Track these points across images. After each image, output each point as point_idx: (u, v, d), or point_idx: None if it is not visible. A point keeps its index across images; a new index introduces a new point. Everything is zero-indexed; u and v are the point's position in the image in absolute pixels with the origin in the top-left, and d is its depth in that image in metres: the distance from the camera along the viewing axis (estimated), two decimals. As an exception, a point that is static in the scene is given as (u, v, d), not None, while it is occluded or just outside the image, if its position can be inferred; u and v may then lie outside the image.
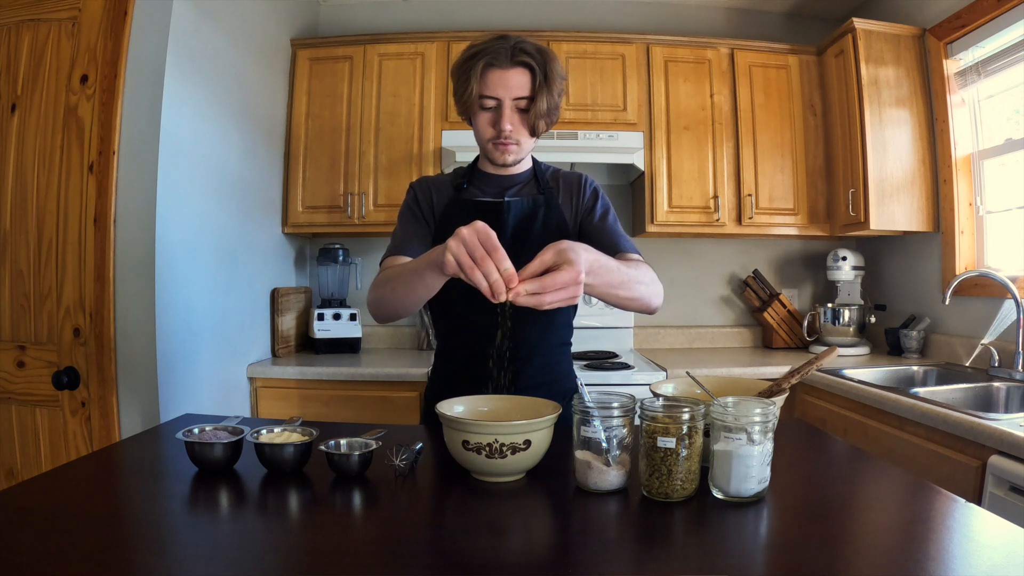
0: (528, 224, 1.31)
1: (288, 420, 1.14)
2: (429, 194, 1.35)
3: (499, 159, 1.28)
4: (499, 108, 1.21)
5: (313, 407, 2.31)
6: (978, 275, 2.14)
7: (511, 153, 1.26)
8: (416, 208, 1.35)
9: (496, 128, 1.23)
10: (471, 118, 1.27)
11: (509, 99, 1.20)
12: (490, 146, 1.26)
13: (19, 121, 1.84)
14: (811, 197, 2.72)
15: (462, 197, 1.33)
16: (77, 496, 0.87)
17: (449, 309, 1.33)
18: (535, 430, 0.90)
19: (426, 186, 1.37)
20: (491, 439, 0.88)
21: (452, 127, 2.63)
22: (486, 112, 1.23)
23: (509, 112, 1.21)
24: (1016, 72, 2.16)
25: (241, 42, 2.28)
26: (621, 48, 2.67)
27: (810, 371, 1.01)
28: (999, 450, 1.39)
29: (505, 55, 1.19)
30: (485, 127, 1.25)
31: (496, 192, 1.34)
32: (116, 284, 1.79)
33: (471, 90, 1.20)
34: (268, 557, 0.73)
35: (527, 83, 1.20)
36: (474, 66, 1.19)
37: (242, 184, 2.32)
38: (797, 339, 2.88)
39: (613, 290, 1.06)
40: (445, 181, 1.37)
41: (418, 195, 1.35)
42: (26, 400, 1.84)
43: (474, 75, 1.19)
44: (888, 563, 0.69)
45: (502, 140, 1.24)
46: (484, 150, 1.30)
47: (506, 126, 1.21)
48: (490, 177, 1.35)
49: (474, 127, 1.28)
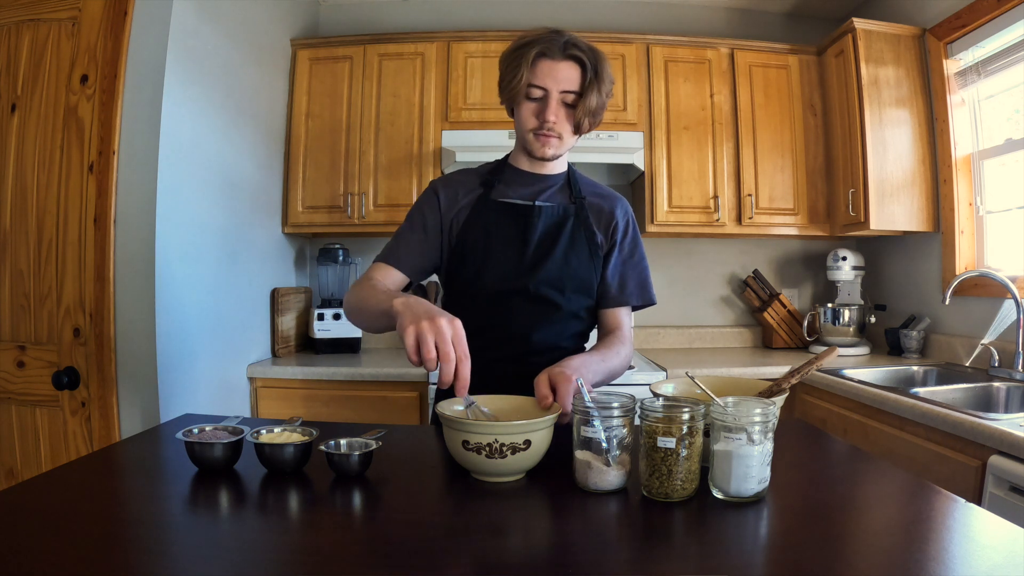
0: (555, 232, 1.29)
1: (288, 420, 1.13)
2: (455, 195, 1.31)
3: (538, 151, 1.26)
4: (546, 99, 1.21)
5: (313, 407, 2.31)
6: (978, 275, 2.14)
7: (551, 146, 1.25)
8: (430, 213, 1.30)
9: (540, 119, 1.22)
10: (515, 107, 1.26)
11: (557, 91, 1.20)
12: (531, 136, 1.24)
13: (19, 121, 1.84)
14: (811, 197, 2.72)
15: (492, 196, 1.30)
16: (77, 496, 0.87)
17: (462, 314, 1.31)
18: (535, 430, 0.90)
19: (452, 186, 1.32)
20: (491, 439, 0.88)
21: (452, 127, 2.63)
22: (532, 102, 1.22)
23: (555, 104, 1.20)
24: (1016, 72, 2.16)
25: (241, 42, 2.28)
26: (621, 48, 2.66)
27: (810, 371, 1.01)
28: (999, 450, 1.39)
29: (558, 47, 1.19)
30: (528, 116, 1.23)
31: (528, 194, 1.31)
32: (116, 284, 1.79)
33: (520, 77, 1.19)
34: (268, 557, 0.72)
35: (577, 78, 1.20)
36: (526, 54, 1.18)
37: (242, 184, 2.32)
38: (797, 339, 2.88)
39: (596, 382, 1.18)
40: (473, 177, 1.34)
41: (440, 197, 1.31)
42: (26, 400, 1.84)
43: (525, 63, 1.18)
44: (888, 563, 0.69)
45: (544, 131, 1.23)
46: (524, 141, 1.27)
47: (551, 117, 1.21)
48: (523, 175, 1.33)
49: (516, 116, 1.26)
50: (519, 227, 1.28)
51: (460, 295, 1.33)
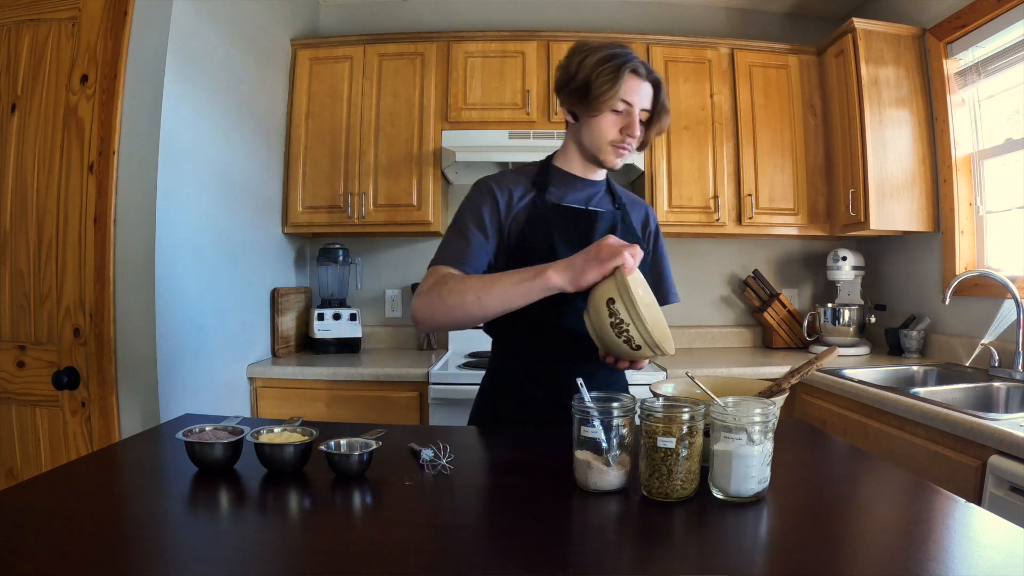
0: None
1: (288, 420, 1.14)
2: (510, 196, 1.31)
3: (611, 162, 1.30)
4: (629, 114, 1.25)
5: (313, 407, 2.31)
6: (978, 275, 2.14)
7: (623, 158, 1.30)
8: (491, 215, 1.29)
9: (624, 132, 1.26)
10: (592, 115, 1.26)
11: (639, 108, 1.25)
12: (609, 147, 1.28)
13: (19, 121, 1.84)
14: (811, 197, 2.72)
15: (549, 200, 1.31)
16: (77, 496, 0.87)
17: (521, 315, 1.30)
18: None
19: (506, 187, 1.32)
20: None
21: (452, 127, 2.63)
22: (615, 115, 1.25)
23: (637, 120, 1.25)
24: (1016, 72, 2.16)
25: (241, 42, 2.28)
26: (621, 48, 2.66)
27: (810, 371, 1.01)
28: (999, 450, 1.39)
29: (643, 67, 1.25)
30: (610, 128, 1.26)
31: (581, 198, 1.35)
32: (116, 284, 1.79)
33: (616, 90, 1.21)
34: (268, 557, 0.72)
35: (652, 98, 1.27)
36: (620, 68, 1.21)
37: (242, 184, 2.32)
38: (797, 339, 2.88)
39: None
40: (522, 178, 1.34)
41: (498, 199, 1.30)
42: (26, 400, 1.84)
43: (620, 77, 1.21)
44: (888, 563, 0.69)
45: (624, 144, 1.27)
46: (596, 149, 1.29)
47: (636, 132, 1.26)
48: (574, 179, 1.35)
49: (592, 125, 1.27)
50: (580, 231, 1.30)
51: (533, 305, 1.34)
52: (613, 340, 1.03)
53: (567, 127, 1.36)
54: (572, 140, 1.35)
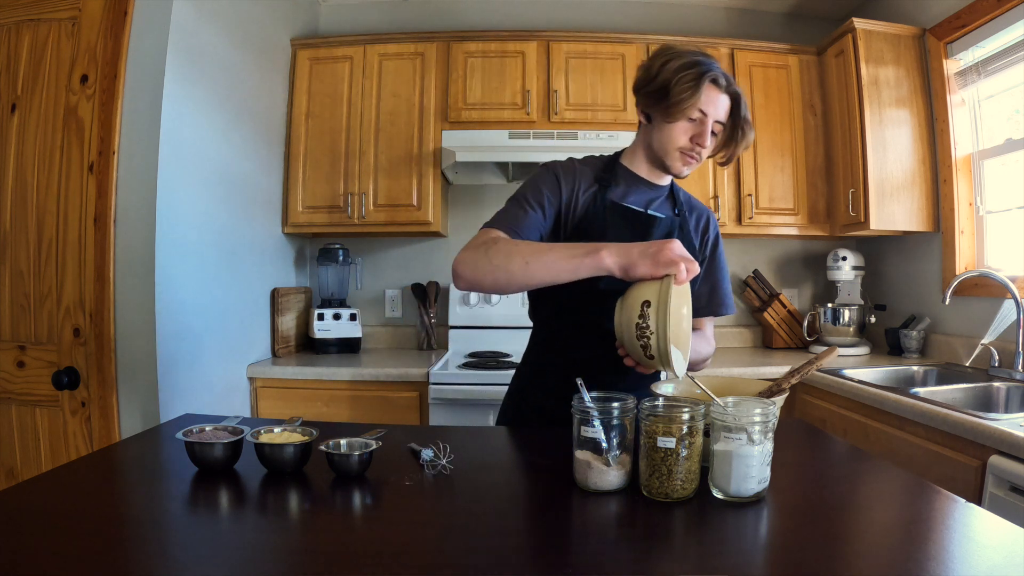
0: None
1: (288, 420, 1.14)
2: (574, 185, 1.31)
3: (678, 169, 1.28)
4: (702, 123, 1.23)
5: (313, 407, 2.31)
6: (978, 275, 2.14)
7: (690, 167, 1.29)
8: (552, 197, 1.28)
9: (694, 141, 1.24)
10: (666, 120, 1.25)
11: (713, 119, 1.23)
12: (677, 154, 1.26)
13: (19, 121, 1.84)
14: (811, 197, 2.72)
15: (609, 198, 1.31)
16: (77, 496, 0.87)
17: (562, 309, 1.33)
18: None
19: (572, 176, 1.31)
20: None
21: (452, 127, 2.63)
22: (689, 123, 1.24)
23: (709, 131, 1.24)
24: (1016, 72, 2.16)
25: (241, 42, 2.28)
26: (621, 48, 2.67)
27: (810, 371, 1.01)
28: (999, 450, 1.39)
29: (723, 78, 1.23)
30: (681, 135, 1.24)
31: (642, 201, 1.33)
32: (116, 284, 1.79)
33: (696, 98, 1.20)
34: (268, 557, 0.72)
35: (728, 111, 1.25)
36: (701, 76, 1.20)
37: (242, 184, 2.32)
38: (797, 339, 2.88)
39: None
40: (587, 170, 1.34)
41: (562, 185, 1.29)
42: (26, 400, 1.84)
43: (700, 85, 1.20)
44: (888, 563, 0.69)
45: (693, 154, 1.26)
46: (664, 154, 1.28)
47: (707, 142, 1.24)
48: (638, 180, 1.34)
49: (664, 129, 1.26)
50: (637, 233, 1.29)
51: (562, 288, 1.34)
52: (632, 338, 1.01)
53: (638, 128, 1.35)
54: (642, 141, 1.34)
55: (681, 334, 0.99)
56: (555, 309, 1.36)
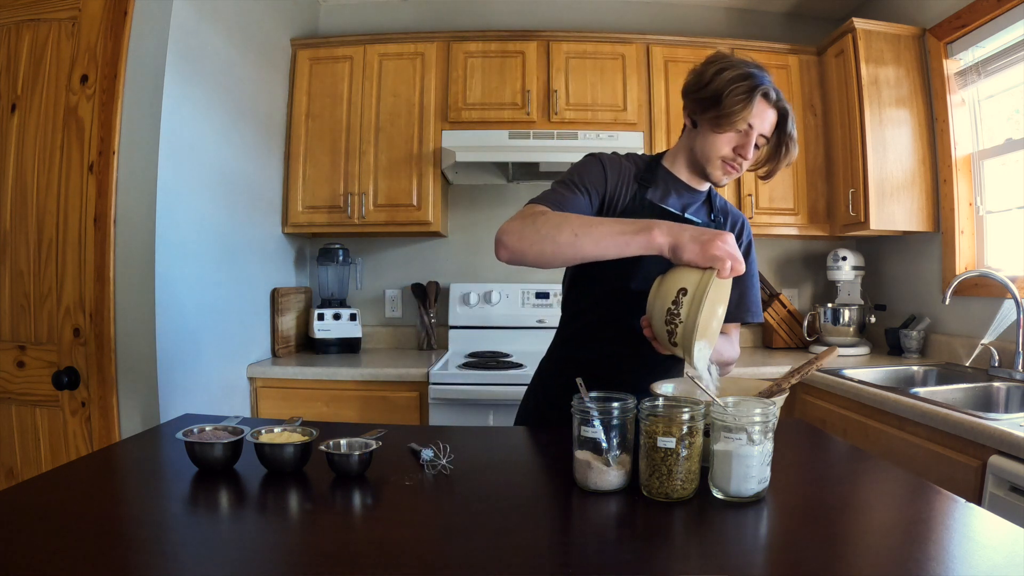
0: None
1: (288, 420, 1.14)
2: (618, 180, 1.30)
3: (717, 177, 1.29)
4: (747, 135, 1.23)
5: (313, 407, 2.31)
6: (978, 275, 2.14)
7: (730, 176, 1.29)
8: (597, 185, 1.28)
9: (737, 152, 1.24)
10: (714, 128, 1.24)
11: (758, 132, 1.23)
12: (718, 162, 1.26)
13: (19, 121, 1.84)
14: (811, 197, 2.72)
15: (647, 198, 1.31)
16: (77, 496, 0.87)
17: (595, 303, 1.33)
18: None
19: (616, 170, 1.31)
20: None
21: (452, 127, 2.63)
22: (735, 133, 1.24)
23: (753, 144, 1.24)
24: (1016, 72, 2.16)
25: (241, 42, 2.28)
26: (621, 48, 2.67)
27: (810, 371, 1.01)
28: (999, 450, 1.39)
29: (773, 93, 1.23)
30: (724, 145, 1.24)
31: (680, 204, 1.33)
32: (116, 284, 1.79)
33: (747, 111, 1.19)
34: (268, 557, 0.73)
35: (773, 125, 1.25)
36: (753, 89, 1.19)
37: (242, 184, 2.32)
38: (797, 339, 2.88)
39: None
40: (630, 167, 1.34)
41: (608, 177, 1.29)
42: (26, 400, 1.84)
43: (753, 99, 1.19)
44: (888, 563, 0.69)
45: (735, 164, 1.26)
46: (707, 161, 1.28)
47: (750, 155, 1.24)
48: (678, 184, 1.34)
49: (709, 137, 1.25)
50: None
51: (594, 283, 1.32)
52: (660, 320, 1.00)
53: (683, 131, 1.35)
54: (684, 145, 1.33)
55: (710, 330, 0.98)
56: (591, 301, 1.35)
